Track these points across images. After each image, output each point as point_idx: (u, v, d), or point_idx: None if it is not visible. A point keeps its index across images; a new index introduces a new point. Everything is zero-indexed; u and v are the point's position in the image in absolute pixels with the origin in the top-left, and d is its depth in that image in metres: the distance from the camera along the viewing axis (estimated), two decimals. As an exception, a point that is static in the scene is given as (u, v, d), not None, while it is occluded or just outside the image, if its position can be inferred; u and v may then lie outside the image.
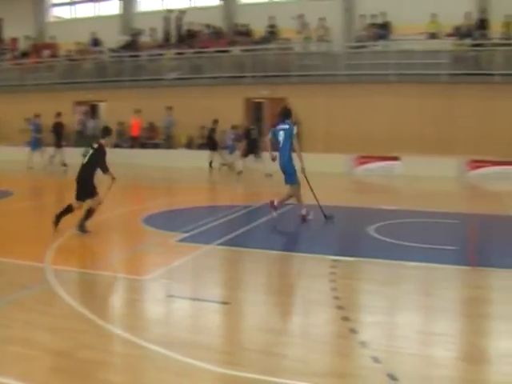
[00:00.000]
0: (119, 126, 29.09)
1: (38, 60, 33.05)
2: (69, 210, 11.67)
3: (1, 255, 9.73)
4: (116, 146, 29.22)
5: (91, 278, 8.60)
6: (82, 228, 11.50)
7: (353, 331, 6.38)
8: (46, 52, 33.29)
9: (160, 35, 31.18)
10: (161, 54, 29.76)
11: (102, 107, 31.92)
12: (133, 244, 11.10)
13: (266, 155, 15.66)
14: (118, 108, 29.04)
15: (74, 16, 36.01)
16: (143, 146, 28.64)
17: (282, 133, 13.04)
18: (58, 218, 11.55)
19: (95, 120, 31.13)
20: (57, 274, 8.47)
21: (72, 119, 31.15)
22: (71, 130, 31.13)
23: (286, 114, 13.40)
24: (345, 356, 5.91)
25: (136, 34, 31.80)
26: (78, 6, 35.85)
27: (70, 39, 32.74)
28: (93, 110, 31.87)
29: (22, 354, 5.77)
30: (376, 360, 5.61)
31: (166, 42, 30.44)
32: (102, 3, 35.07)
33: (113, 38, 31.99)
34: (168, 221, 13.34)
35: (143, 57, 30.31)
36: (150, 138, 29.20)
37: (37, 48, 34.22)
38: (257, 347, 6.07)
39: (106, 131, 12.31)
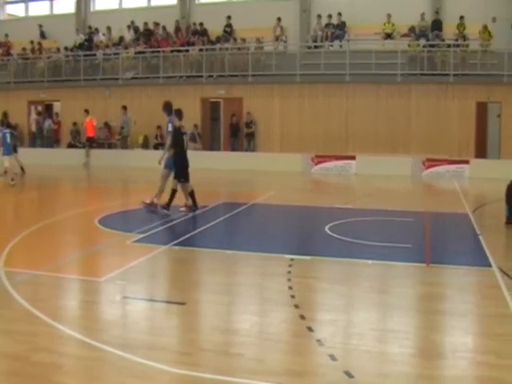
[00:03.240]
0: (74, 126, 28.76)
1: (-11, 59, 32.48)
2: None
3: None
4: (70, 146, 28.96)
5: (46, 279, 8.46)
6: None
7: (309, 329, 6.41)
8: (-1, 50, 32.74)
9: (116, 34, 30.93)
10: (117, 54, 29.49)
11: (57, 107, 31.47)
12: (88, 245, 10.97)
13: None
14: (73, 108, 28.72)
15: (27, 14, 35.41)
16: (99, 146, 28.31)
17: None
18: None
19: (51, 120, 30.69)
20: (10, 276, 8.33)
21: (26, 119, 30.78)
22: (26, 131, 30.73)
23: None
24: (302, 354, 5.93)
25: (91, 32, 31.47)
26: (31, 3, 35.22)
27: (23, 38, 32.25)
28: (48, 110, 31.39)
29: (-26, 359, 5.67)
30: (333, 358, 5.65)
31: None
32: (56, 1, 34.54)
33: (68, 37, 31.59)
34: (124, 222, 13.25)
35: (99, 56, 29.97)
36: (105, 138, 28.91)
37: (-11, 46, 33.61)
38: (214, 347, 6.05)
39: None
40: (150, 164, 24.92)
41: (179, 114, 14.08)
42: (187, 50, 28.30)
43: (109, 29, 31.02)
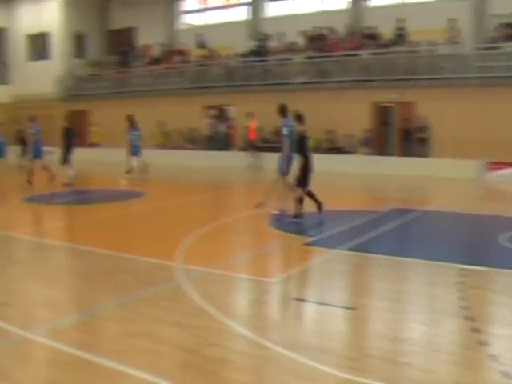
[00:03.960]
0: (245, 129, 29.52)
1: (169, 66, 34.17)
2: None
3: (130, 253, 10.18)
4: (243, 149, 29.72)
5: (218, 277, 8.78)
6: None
7: (482, 343, 6.16)
8: (177, 58, 34.37)
9: (287, 39, 31.45)
10: (289, 59, 29.95)
11: (231, 111, 32.56)
12: (259, 246, 11.25)
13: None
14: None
15: (203, 23, 36.96)
16: (269, 149, 28.82)
17: None
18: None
19: (225, 124, 31.83)
20: (184, 273, 8.73)
21: (201, 123, 32.03)
22: (202, 134, 31.98)
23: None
24: (472, 368, 5.71)
25: (264, 38, 32.20)
26: (207, 12, 36.79)
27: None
28: (222, 114, 32.62)
29: (150, 349, 6.00)
30: (506, 375, 5.38)
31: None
32: (230, 9, 35.81)
33: (241, 44, 32.56)
34: (295, 224, 13.37)
35: (271, 61, 30.61)
36: (275, 142, 29.37)
37: (168, 54, 35.42)
38: (381, 354, 5.99)
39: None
40: (321, 168, 24.99)
41: (300, 118, 14.00)
42: (356, 55, 28.16)
43: (281, 34, 31.58)
